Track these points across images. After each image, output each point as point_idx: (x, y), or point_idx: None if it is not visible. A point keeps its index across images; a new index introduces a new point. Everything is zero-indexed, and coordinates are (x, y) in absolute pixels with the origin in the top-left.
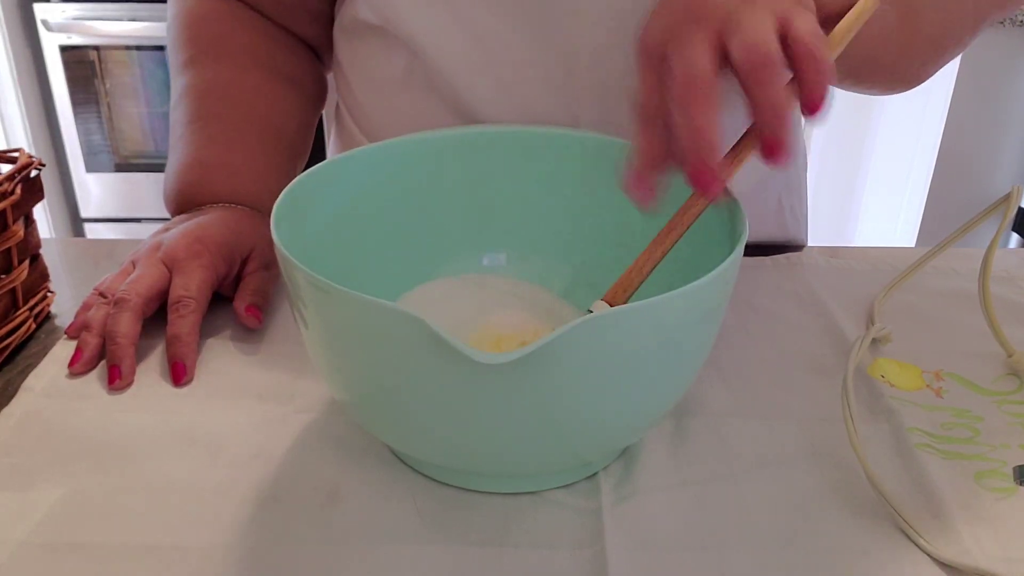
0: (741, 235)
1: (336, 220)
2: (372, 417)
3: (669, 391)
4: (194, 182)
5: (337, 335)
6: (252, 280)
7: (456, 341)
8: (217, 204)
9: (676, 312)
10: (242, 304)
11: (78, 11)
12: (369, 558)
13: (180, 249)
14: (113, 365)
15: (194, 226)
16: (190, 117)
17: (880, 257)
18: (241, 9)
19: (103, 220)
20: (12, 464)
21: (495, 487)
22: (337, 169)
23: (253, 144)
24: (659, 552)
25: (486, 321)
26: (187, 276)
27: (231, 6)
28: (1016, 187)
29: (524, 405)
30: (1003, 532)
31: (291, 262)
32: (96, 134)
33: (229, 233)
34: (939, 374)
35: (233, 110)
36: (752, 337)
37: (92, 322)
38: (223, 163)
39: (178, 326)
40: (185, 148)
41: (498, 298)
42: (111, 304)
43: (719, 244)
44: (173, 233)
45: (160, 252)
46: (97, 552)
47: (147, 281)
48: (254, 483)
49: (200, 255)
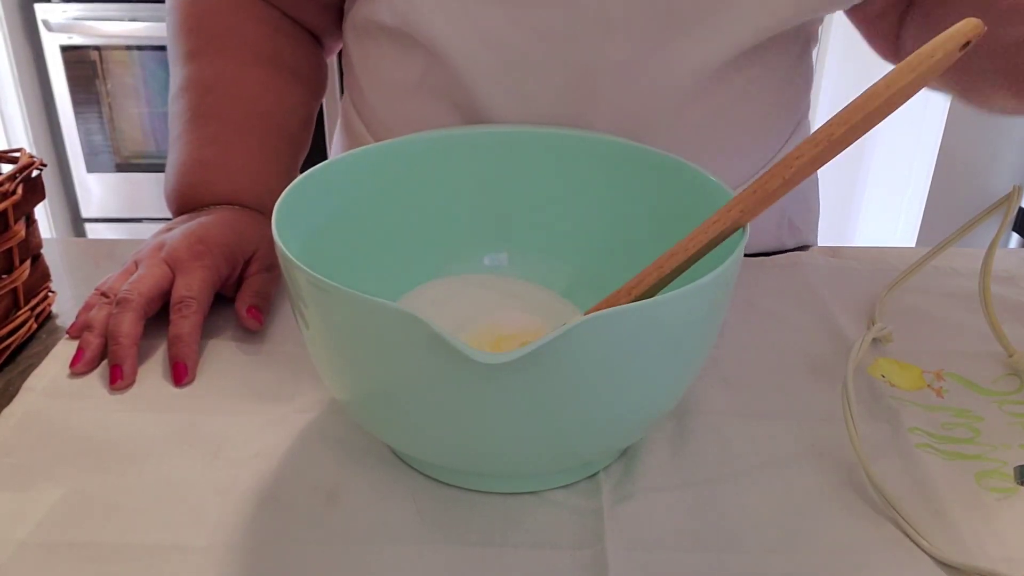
0: (741, 236)
1: (337, 220)
2: (372, 417)
3: (669, 391)
4: (195, 182)
5: (337, 335)
6: (254, 282)
7: (456, 341)
8: (219, 204)
9: (677, 312)
10: (243, 306)
11: (79, 11)
12: (369, 558)
13: (183, 249)
14: (115, 365)
15: (196, 226)
16: (191, 114)
17: (881, 257)
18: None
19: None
20: (13, 464)
21: (495, 487)
22: (338, 169)
23: (255, 143)
24: (659, 552)
25: (486, 321)
26: (189, 276)
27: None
28: (1016, 187)
29: (524, 405)
30: (1004, 532)
31: (292, 262)
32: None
33: (232, 234)
34: (940, 374)
35: (235, 108)
36: (752, 337)
37: (94, 322)
38: (224, 163)
39: (180, 326)
40: (186, 146)
41: (499, 298)
42: (113, 304)
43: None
44: (175, 233)
45: (163, 252)
46: (97, 552)
47: (149, 281)
48: (254, 483)
49: (202, 256)
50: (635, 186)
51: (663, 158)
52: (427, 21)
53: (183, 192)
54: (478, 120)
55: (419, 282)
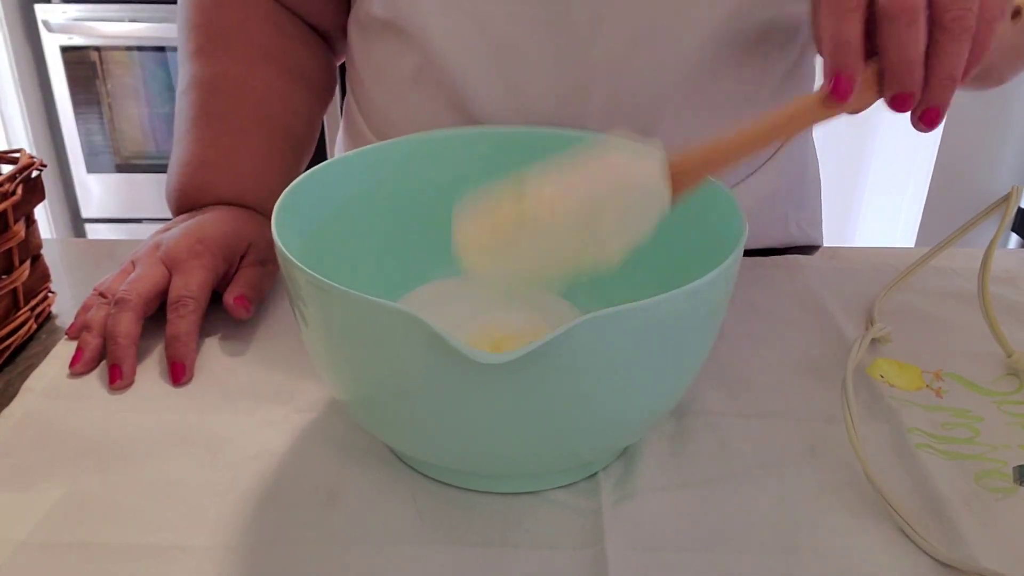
0: (740, 234)
1: (336, 220)
2: (372, 416)
3: (669, 391)
4: (198, 183)
5: (337, 335)
6: (244, 274)
7: (455, 341)
8: (220, 204)
9: (676, 311)
10: (231, 295)
11: (79, 12)
12: (369, 558)
13: (181, 249)
14: (114, 365)
15: (195, 225)
16: (196, 112)
17: (880, 257)
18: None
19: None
20: (12, 464)
21: (495, 487)
22: (337, 169)
23: (259, 145)
24: (659, 552)
25: (486, 321)
26: (187, 276)
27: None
28: (1015, 187)
29: (523, 405)
30: (1003, 532)
31: (291, 261)
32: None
33: (229, 231)
34: (939, 374)
35: (240, 108)
36: (752, 337)
37: (92, 322)
38: (228, 164)
39: (177, 326)
40: (190, 146)
41: (499, 298)
42: (111, 304)
43: (719, 245)
44: (174, 232)
45: (160, 251)
46: (97, 552)
47: (147, 281)
48: (254, 483)
49: (201, 255)
50: None
51: None
52: (419, 12)
53: (185, 191)
54: (473, 117)
55: (418, 282)
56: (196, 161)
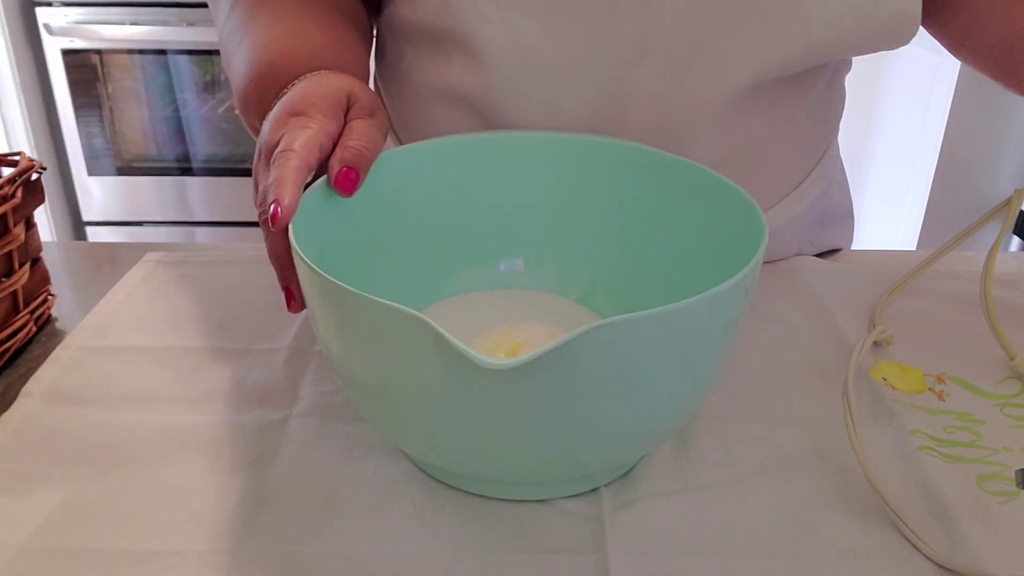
0: (759, 243)
1: (355, 224)
2: (380, 417)
3: (682, 404)
4: (271, 67)
5: (348, 337)
6: (354, 127)
7: (460, 345)
8: (301, 77)
9: (691, 320)
10: (338, 162)
11: (80, 15)
12: (369, 562)
13: (279, 122)
14: (285, 287)
15: (286, 100)
16: (245, 22)
17: (881, 260)
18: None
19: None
20: (11, 469)
21: (497, 492)
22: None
23: (319, 20)
24: (661, 558)
25: (503, 328)
26: (290, 135)
27: None
28: (1017, 191)
29: (529, 412)
30: (1005, 536)
31: (307, 265)
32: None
33: (325, 91)
34: (941, 377)
35: (289, 6)
36: (754, 340)
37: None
38: (294, 40)
39: (279, 173)
40: (249, 48)
41: (517, 306)
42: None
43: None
44: (268, 117)
45: (261, 139)
46: (96, 557)
47: (303, 139)
48: (254, 486)
49: (303, 114)
50: (654, 193)
51: (683, 165)
52: (473, 27)
53: (262, 78)
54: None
55: (433, 286)
56: (260, 46)
